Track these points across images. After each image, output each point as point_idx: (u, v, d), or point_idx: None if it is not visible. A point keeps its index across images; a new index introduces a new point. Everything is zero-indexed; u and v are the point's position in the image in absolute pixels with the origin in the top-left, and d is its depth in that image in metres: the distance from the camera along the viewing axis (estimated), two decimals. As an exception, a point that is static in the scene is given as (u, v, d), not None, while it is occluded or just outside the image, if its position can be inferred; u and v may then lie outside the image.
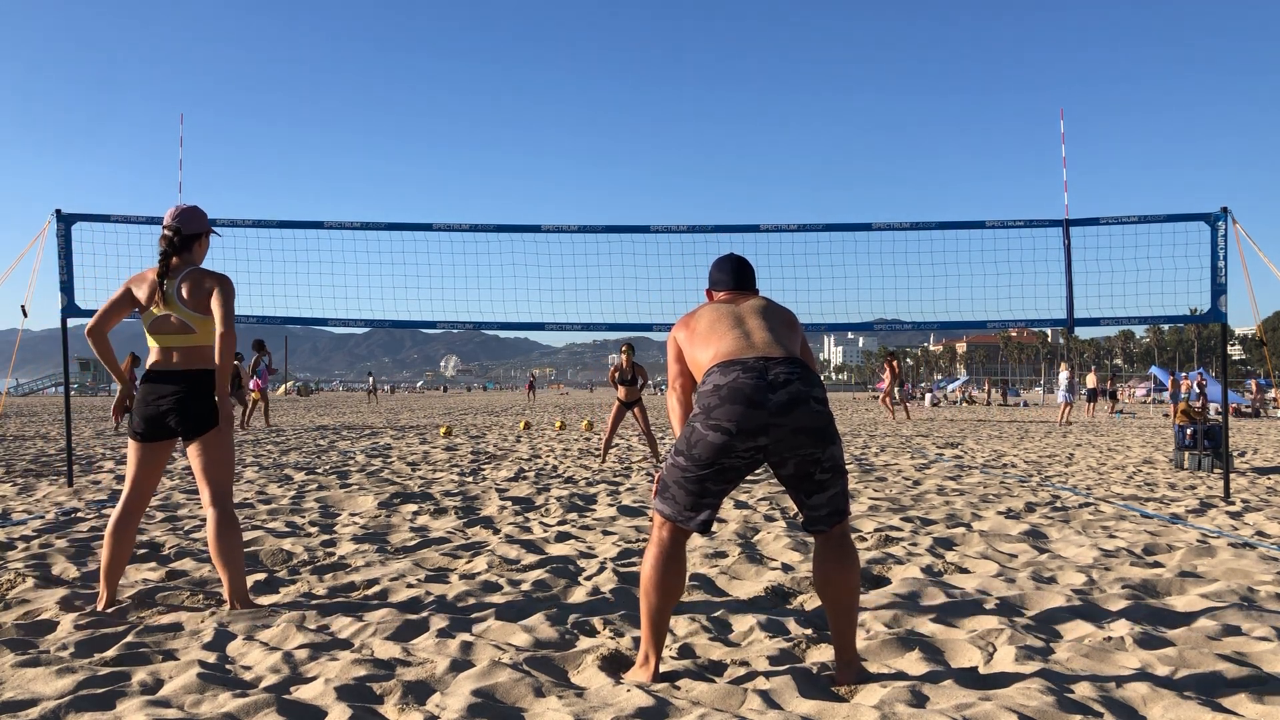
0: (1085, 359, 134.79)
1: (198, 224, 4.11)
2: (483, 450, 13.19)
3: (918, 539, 5.79)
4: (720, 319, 3.24)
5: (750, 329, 3.17)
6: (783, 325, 3.23)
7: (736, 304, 3.32)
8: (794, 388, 2.96)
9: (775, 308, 3.32)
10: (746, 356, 3.05)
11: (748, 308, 3.28)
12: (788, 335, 3.19)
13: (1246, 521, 6.69)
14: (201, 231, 4.13)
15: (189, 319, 3.98)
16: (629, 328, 8.86)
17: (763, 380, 2.96)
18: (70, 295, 8.38)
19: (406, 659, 3.37)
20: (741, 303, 3.33)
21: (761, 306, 3.30)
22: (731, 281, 3.46)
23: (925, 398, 45.65)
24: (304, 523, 6.44)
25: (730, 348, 3.11)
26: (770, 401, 2.94)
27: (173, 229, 4.04)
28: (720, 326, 3.21)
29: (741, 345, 3.10)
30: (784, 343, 3.13)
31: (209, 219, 4.21)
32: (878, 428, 20.57)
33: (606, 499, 7.75)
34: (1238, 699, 2.91)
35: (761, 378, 2.97)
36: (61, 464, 10.75)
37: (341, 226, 8.79)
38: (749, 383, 2.96)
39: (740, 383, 2.97)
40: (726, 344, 3.13)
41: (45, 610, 4.00)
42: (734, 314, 3.25)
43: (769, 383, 2.96)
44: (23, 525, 6.26)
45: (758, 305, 3.30)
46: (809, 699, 2.94)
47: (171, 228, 4.05)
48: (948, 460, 11.95)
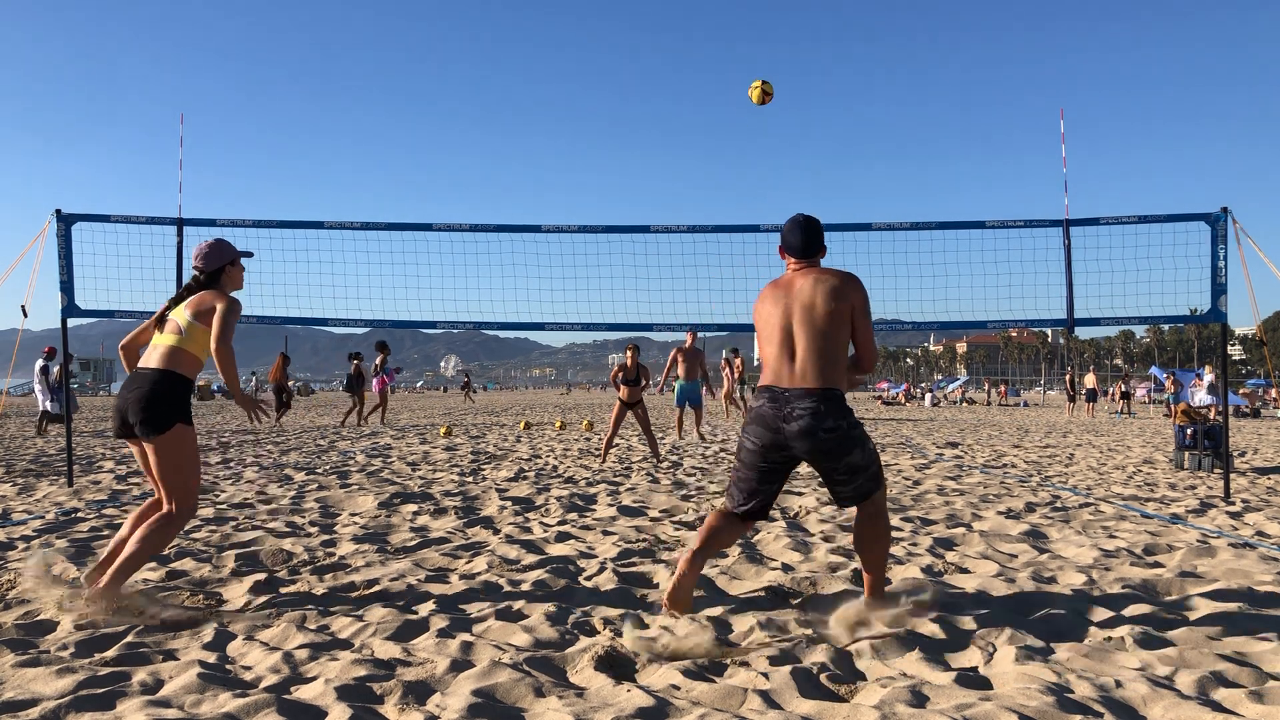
0: (1085, 359, 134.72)
1: (218, 259, 4.34)
2: (483, 450, 13.19)
3: (918, 539, 5.79)
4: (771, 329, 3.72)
5: (796, 349, 3.63)
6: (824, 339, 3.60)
7: (793, 291, 3.71)
8: (805, 422, 3.54)
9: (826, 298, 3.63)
10: (777, 387, 3.63)
11: (799, 308, 3.67)
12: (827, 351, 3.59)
13: (1246, 521, 6.69)
14: (224, 264, 4.35)
15: (184, 324, 4.16)
16: (629, 328, 8.86)
17: (781, 412, 3.59)
18: (70, 295, 8.39)
19: (406, 659, 3.37)
20: (797, 291, 3.70)
21: (811, 303, 3.65)
22: (799, 248, 3.82)
23: (925, 398, 45.64)
24: (304, 523, 6.43)
25: (770, 375, 3.70)
26: (785, 430, 3.58)
27: (197, 269, 4.33)
28: (768, 336, 3.73)
29: (778, 373, 3.65)
30: (818, 365, 3.58)
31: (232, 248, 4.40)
32: (878, 426, 20.58)
33: (606, 499, 7.74)
34: (1238, 699, 2.91)
35: (780, 409, 3.59)
36: (61, 464, 10.75)
37: (341, 226, 8.79)
38: (770, 412, 3.62)
39: (765, 411, 3.64)
40: (769, 367, 3.71)
41: (45, 610, 4.00)
42: (783, 318, 3.68)
43: (785, 415, 3.58)
44: (23, 525, 6.26)
45: (808, 301, 3.65)
46: (809, 699, 2.94)
47: (196, 268, 4.34)
48: (948, 460, 11.95)
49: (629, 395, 11.09)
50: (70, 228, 8.46)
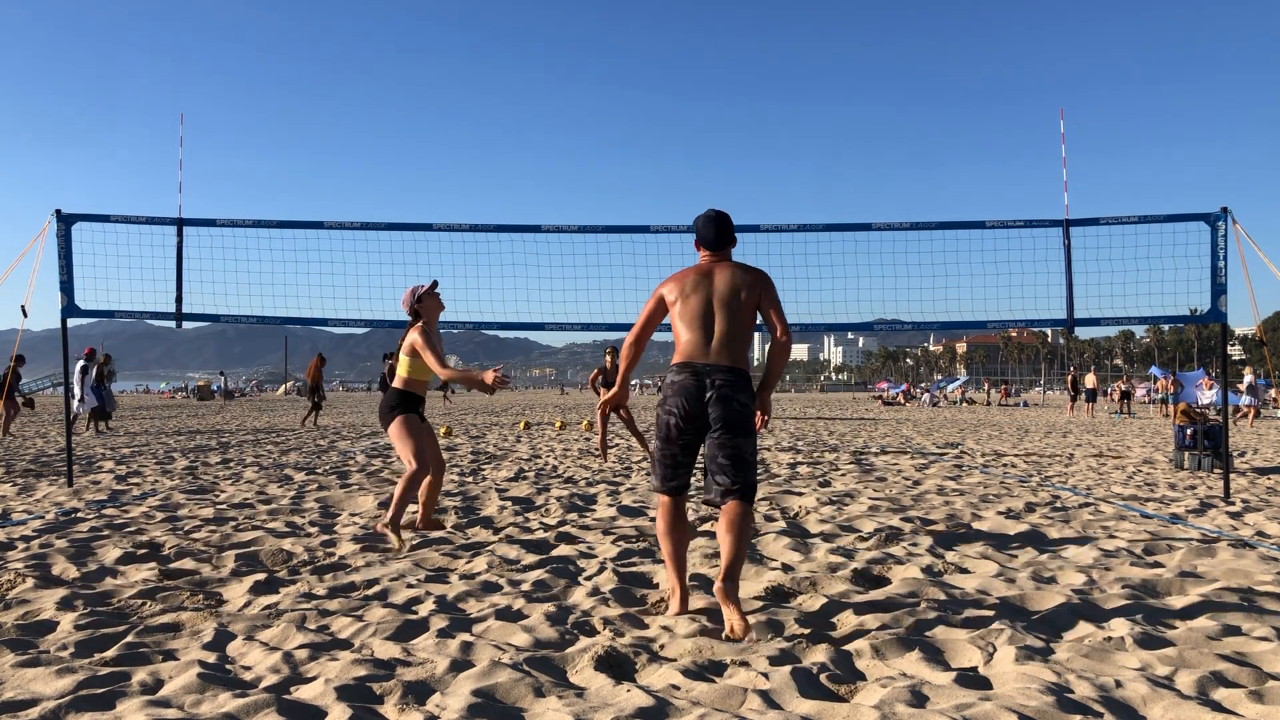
0: (1085, 359, 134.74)
1: (406, 303, 5.90)
2: (483, 450, 13.19)
3: (918, 539, 5.79)
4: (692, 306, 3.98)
5: (714, 330, 3.93)
6: (739, 324, 3.94)
7: (713, 280, 4.01)
8: (724, 391, 3.84)
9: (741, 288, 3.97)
10: (697, 362, 3.91)
11: (719, 295, 3.97)
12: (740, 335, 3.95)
13: (1246, 521, 6.69)
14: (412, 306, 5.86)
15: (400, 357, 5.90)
16: (629, 328, 8.83)
17: (701, 382, 3.88)
18: (70, 295, 8.39)
19: (406, 659, 3.37)
20: (716, 280, 4.01)
21: (728, 292, 3.97)
22: (712, 240, 4.14)
23: (925, 398, 45.64)
24: (304, 523, 6.44)
25: (687, 352, 3.95)
26: (705, 399, 3.85)
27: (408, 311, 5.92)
28: (689, 314, 3.98)
29: (697, 350, 3.93)
30: (733, 346, 3.92)
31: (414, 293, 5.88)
32: (878, 426, 20.57)
33: (606, 499, 7.75)
34: (1238, 699, 2.91)
35: (700, 380, 3.88)
36: (61, 464, 10.75)
37: (341, 226, 8.78)
38: (691, 384, 3.89)
39: (686, 382, 3.90)
40: (687, 345, 3.96)
41: (45, 610, 4.00)
42: (703, 303, 3.97)
43: (704, 385, 3.87)
44: (23, 525, 6.26)
45: (726, 290, 3.97)
46: (809, 699, 2.94)
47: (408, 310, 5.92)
48: (948, 460, 11.95)
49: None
50: (70, 228, 8.46)
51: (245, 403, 46.37)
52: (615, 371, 10.95)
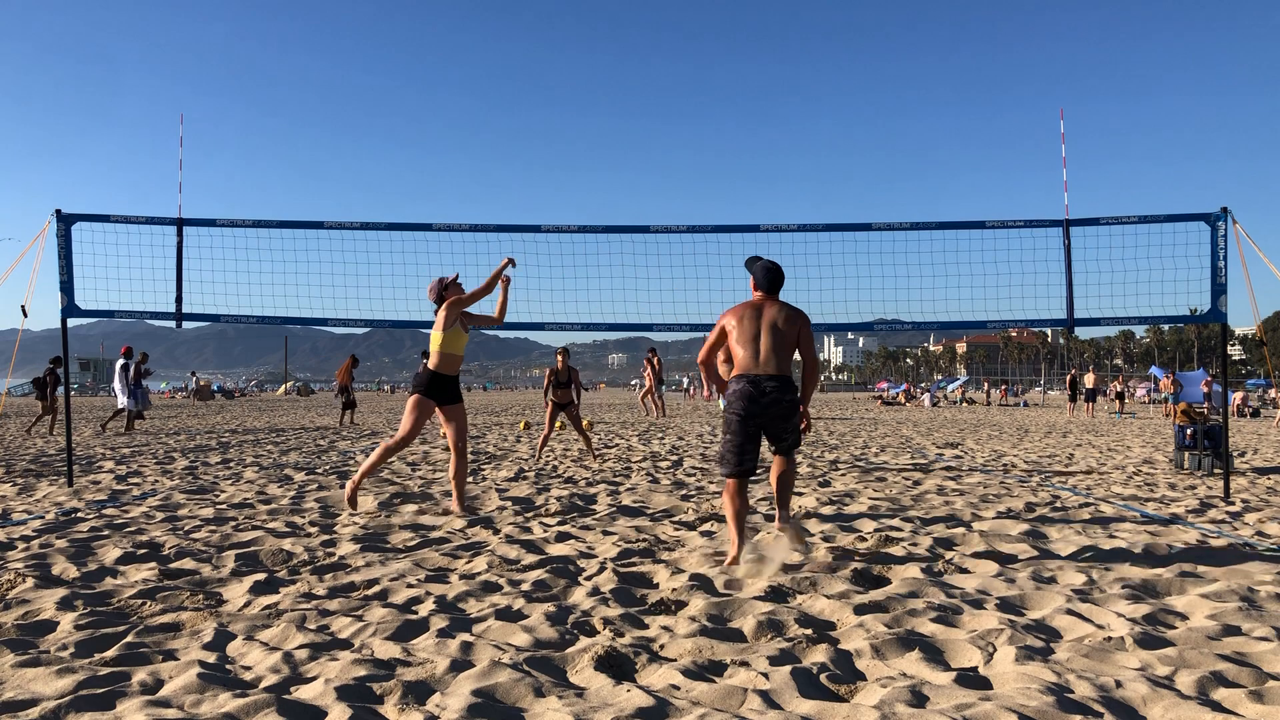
0: (1085, 359, 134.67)
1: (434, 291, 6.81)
2: (482, 450, 13.19)
3: (918, 539, 5.79)
4: (747, 331, 5.03)
5: (762, 348, 5.00)
6: (783, 345, 5.01)
7: (763, 313, 5.08)
8: (775, 395, 4.95)
9: (785, 321, 5.04)
10: (752, 374, 4.99)
11: (767, 323, 5.04)
12: (783, 353, 5.02)
13: (1246, 521, 6.69)
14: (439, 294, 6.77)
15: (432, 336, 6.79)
16: (629, 328, 8.86)
17: (758, 389, 4.96)
18: (70, 295, 8.39)
19: (406, 659, 3.37)
20: (766, 313, 5.07)
21: (775, 322, 5.03)
22: (767, 286, 5.22)
23: (925, 397, 45.65)
24: (304, 523, 6.43)
25: (745, 366, 5.02)
26: (761, 401, 4.96)
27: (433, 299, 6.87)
28: (744, 337, 5.03)
29: (752, 364, 5.00)
30: (778, 360, 4.99)
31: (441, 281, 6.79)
32: (878, 426, 20.58)
33: (606, 499, 7.75)
34: (1238, 699, 2.91)
35: (757, 387, 4.96)
36: (61, 464, 10.75)
37: (341, 226, 8.79)
38: (750, 390, 4.97)
39: (746, 389, 4.98)
40: (744, 361, 5.02)
41: (45, 610, 4.00)
42: (755, 329, 5.03)
43: (760, 391, 4.96)
44: (23, 525, 6.26)
45: (773, 320, 5.04)
46: (809, 699, 2.94)
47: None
48: (948, 460, 11.95)
49: (560, 397, 11.47)
50: (70, 228, 8.46)
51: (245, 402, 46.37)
52: (566, 373, 11.44)
